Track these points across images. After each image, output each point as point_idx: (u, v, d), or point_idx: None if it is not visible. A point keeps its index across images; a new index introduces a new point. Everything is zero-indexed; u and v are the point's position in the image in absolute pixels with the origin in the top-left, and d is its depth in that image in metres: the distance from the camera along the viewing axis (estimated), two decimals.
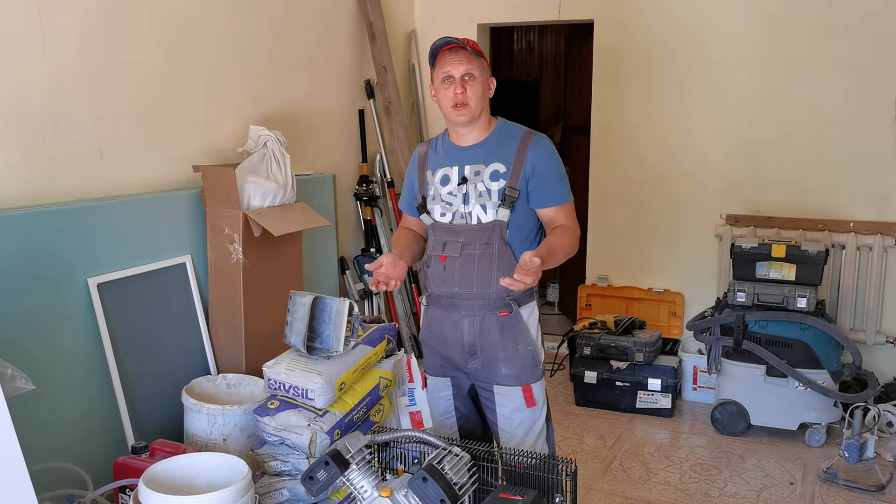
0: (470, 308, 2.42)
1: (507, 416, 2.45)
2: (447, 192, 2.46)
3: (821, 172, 4.37)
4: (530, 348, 2.43)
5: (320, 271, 3.97)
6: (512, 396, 2.43)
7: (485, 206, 2.40)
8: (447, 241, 2.44)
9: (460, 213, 2.44)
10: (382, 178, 4.71)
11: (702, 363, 4.37)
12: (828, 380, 3.85)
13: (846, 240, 4.29)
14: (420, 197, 2.55)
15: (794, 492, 3.45)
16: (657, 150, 4.71)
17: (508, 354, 2.42)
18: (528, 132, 2.46)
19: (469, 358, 2.46)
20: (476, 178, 2.42)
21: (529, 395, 2.43)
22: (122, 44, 3.01)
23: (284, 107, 3.93)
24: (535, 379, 2.46)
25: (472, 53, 2.38)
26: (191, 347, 3.20)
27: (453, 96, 2.36)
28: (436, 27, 5.07)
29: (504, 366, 2.42)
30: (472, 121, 2.41)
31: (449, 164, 2.48)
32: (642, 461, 3.74)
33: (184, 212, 3.21)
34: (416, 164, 2.59)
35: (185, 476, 2.35)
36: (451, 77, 2.37)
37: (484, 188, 2.40)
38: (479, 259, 2.39)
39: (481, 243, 2.39)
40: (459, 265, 2.41)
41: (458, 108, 2.37)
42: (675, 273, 4.77)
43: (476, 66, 2.37)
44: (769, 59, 4.37)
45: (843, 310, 4.35)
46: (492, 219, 2.39)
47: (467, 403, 2.60)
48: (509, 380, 2.43)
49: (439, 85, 2.41)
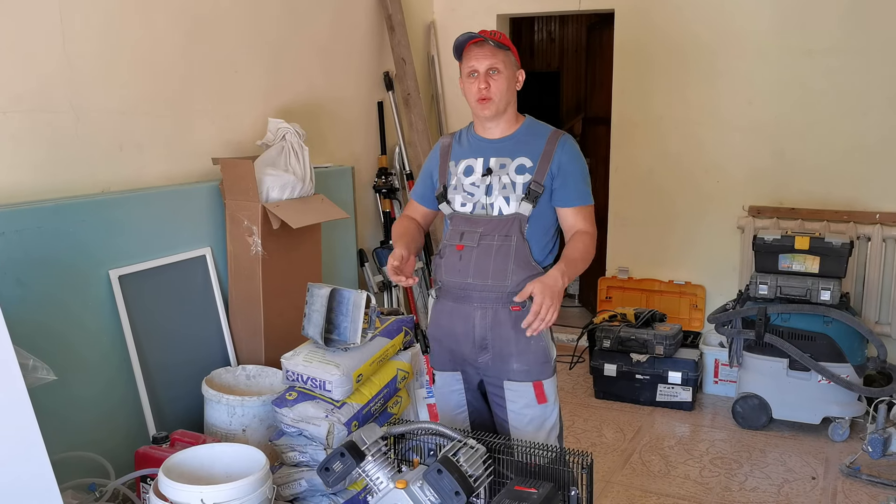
0: (483, 300, 2.41)
1: (517, 413, 2.43)
2: (470, 183, 2.45)
3: (846, 163, 4.30)
4: (542, 344, 2.41)
5: (339, 263, 3.99)
6: (523, 392, 2.41)
7: (508, 199, 2.39)
8: (465, 230, 2.43)
9: (481, 203, 2.42)
10: (401, 171, 4.72)
11: (723, 356, 4.33)
12: (852, 373, 3.80)
13: (872, 231, 4.22)
14: (441, 186, 2.54)
15: (816, 486, 3.41)
16: (679, 141, 4.67)
17: (521, 349, 2.39)
18: (556, 131, 2.46)
19: (480, 352, 2.44)
20: (501, 170, 2.41)
21: (541, 391, 2.41)
22: (142, 37, 3.03)
23: (303, 99, 3.94)
24: (547, 375, 2.43)
25: (496, 47, 2.36)
26: (211, 339, 3.23)
27: (477, 91, 2.36)
28: (455, 18, 5.05)
29: (516, 361, 2.40)
30: (497, 115, 2.41)
31: (473, 156, 2.48)
32: (662, 454, 3.72)
33: (203, 204, 3.23)
34: (439, 154, 2.59)
35: (205, 466, 2.38)
36: (475, 71, 2.36)
37: (508, 180, 2.39)
38: (497, 251, 2.37)
39: (500, 235, 2.38)
40: (476, 255, 2.39)
41: (482, 103, 2.37)
42: (696, 265, 4.73)
43: (501, 60, 2.35)
44: (794, 48, 4.31)
45: (868, 303, 4.29)
46: (513, 211, 2.38)
47: (478, 397, 2.59)
48: (520, 375, 2.40)
49: (465, 79, 2.41)
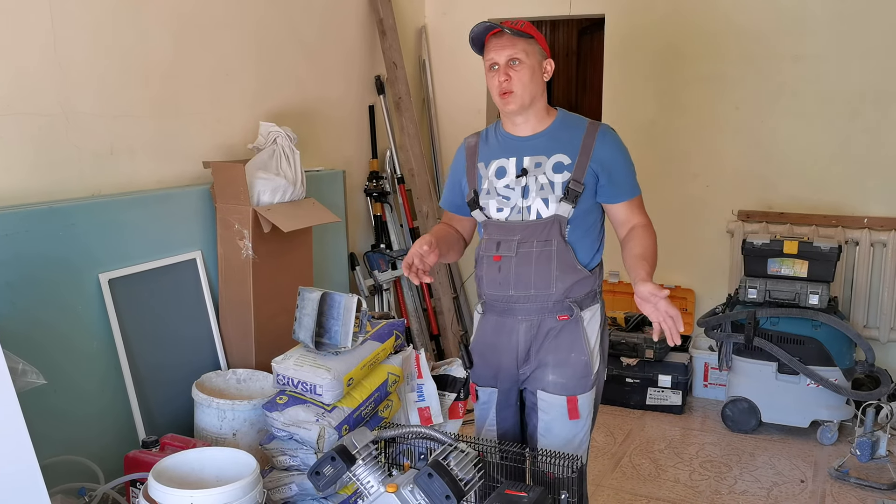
0: (527, 312, 2.27)
1: (546, 424, 2.29)
2: (503, 186, 2.27)
3: (834, 168, 4.33)
4: (584, 358, 2.25)
5: (330, 267, 3.99)
6: (555, 405, 2.27)
7: (546, 200, 2.22)
8: (501, 239, 2.27)
9: (518, 207, 2.25)
10: (392, 174, 4.72)
11: (713, 360, 4.36)
12: (840, 377, 3.83)
13: (860, 236, 4.25)
14: (471, 191, 2.34)
15: (805, 489, 3.43)
16: (669, 145, 4.69)
17: (559, 360, 2.26)
18: (594, 123, 2.29)
19: (522, 364, 2.32)
20: (537, 169, 2.23)
21: (574, 406, 2.25)
22: (133, 41, 3.03)
23: (295, 102, 3.94)
24: (583, 390, 2.26)
25: (515, 35, 2.19)
26: (201, 342, 3.22)
27: (498, 85, 2.20)
28: (446, 23, 5.06)
29: (552, 372, 2.26)
30: (523, 109, 2.24)
31: (505, 156, 2.29)
32: (652, 458, 3.73)
33: (194, 208, 3.22)
34: (465, 157, 2.40)
35: (195, 470, 2.37)
36: (495, 64, 2.21)
37: (546, 180, 2.22)
38: (538, 258, 2.22)
39: (539, 240, 2.22)
40: (515, 265, 2.24)
41: (504, 97, 2.21)
42: (686, 269, 4.74)
43: (522, 49, 2.18)
44: (782, 54, 4.34)
45: (856, 307, 4.31)
46: (552, 213, 2.22)
47: (508, 418, 2.43)
48: (556, 388, 2.26)
49: (487, 73, 2.25)
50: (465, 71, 5.05)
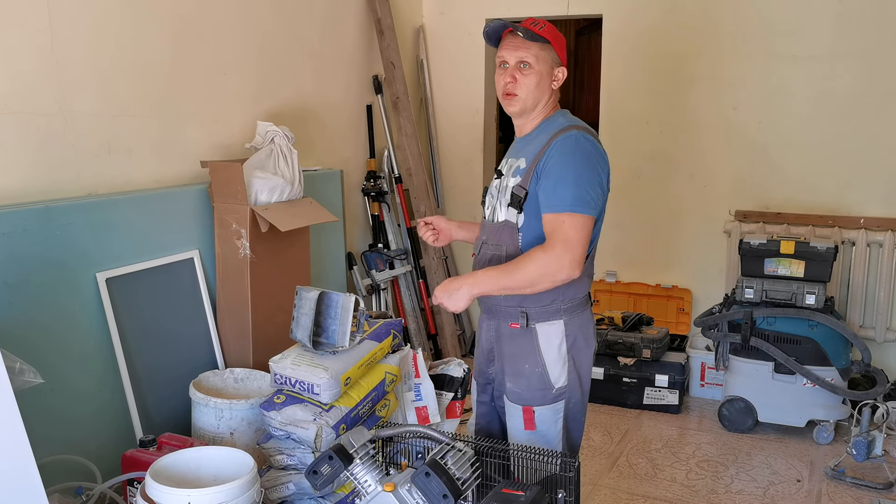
0: (489, 311, 2.31)
1: (510, 430, 2.30)
2: (494, 185, 2.32)
3: (831, 168, 4.34)
4: (538, 370, 2.20)
5: (328, 267, 3.99)
6: (513, 413, 2.27)
7: (502, 203, 2.24)
8: (479, 238, 2.36)
9: (493, 208, 2.29)
10: (390, 174, 4.72)
11: (710, 360, 4.36)
12: (836, 377, 3.84)
13: (856, 236, 4.26)
14: (484, 188, 2.42)
15: (801, 489, 3.44)
16: (666, 145, 4.69)
17: (514, 370, 2.25)
18: (566, 128, 2.16)
19: (489, 363, 2.36)
20: (509, 172, 2.25)
21: (529, 416, 2.22)
22: (130, 40, 3.03)
23: (292, 102, 3.95)
24: (541, 402, 2.21)
25: (529, 39, 2.13)
26: (199, 342, 3.22)
27: (503, 85, 2.19)
28: (444, 22, 5.07)
29: (509, 380, 2.26)
30: (524, 112, 2.21)
31: (509, 156, 2.33)
32: (649, 457, 3.74)
33: (192, 207, 3.22)
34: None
35: (192, 469, 2.37)
36: (505, 62, 2.19)
37: (506, 184, 2.23)
38: (489, 261, 2.24)
39: (494, 244, 2.24)
40: (477, 265, 2.30)
41: (506, 98, 2.20)
42: (683, 269, 4.75)
43: (534, 54, 2.14)
44: (779, 54, 4.35)
45: (852, 307, 4.32)
46: (503, 219, 2.23)
47: (486, 413, 2.45)
48: (512, 396, 2.26)
49: (497, 69, 2.24)
50: (463, 70, 5.07)
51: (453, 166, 5.17)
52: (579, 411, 2.30)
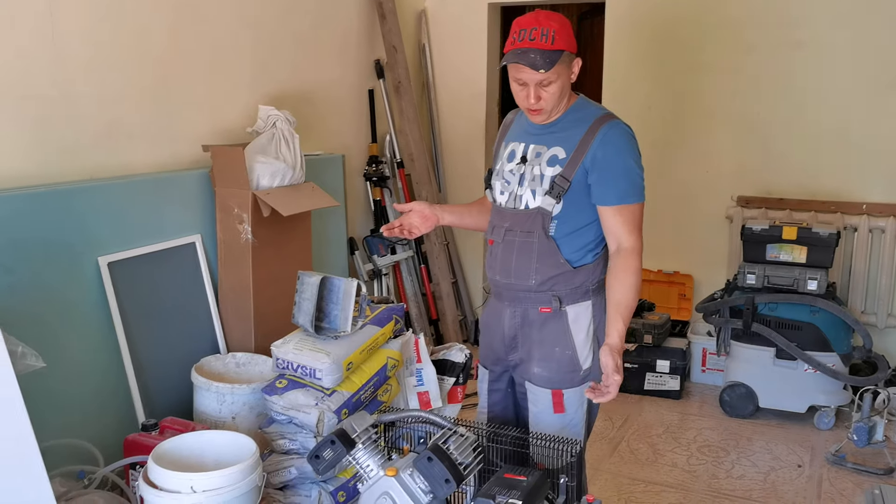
0: (512, 299, 2.28)
1: (535, 416, 2.29)
2: (509, 170, 2.27)
3: (834, 154, 4.32)
4: (569, 353, 2.22)
5: (329, 251, 3.98)
6: (541, 397, 2.26)
7: (534, 192, 2.19)
8: (496, 224, 2.30)
9: (514, 194, 2.24)
10: (392, 159, 4.71)
11: (711, 345, 4.36)
12: (837, 363, 3.84)
13: (858, 222, 4.25)
14: (488, 169, 2.39)
15: (802, 474, 3.45)
16: (668, 131, 4.67)
17: (544, 354, 2.24)
18: (602, 117, 2.19)
19: (510, 351, 2.32)
20: (536, 159, 2.21)
21: (559, 400, 2.23)
22: (131, 23, 3.01)
23: (294, 86, 3.93)
24: (569, 385, 2.24)
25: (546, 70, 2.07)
26: (200, 326, 3.22)
27: (526, 101, 2.15)
28: (446, 7, 5.03)
29: (537, 365, 2.25)
30: (550, 118, 2.21)
31: (520, 140, 2.28)
32: (650, 442, 3.75)
33: (193, 191, 3.22)
34: (500, 133, 2.43)
35: (195, 453, 2.38)
36: (525, 83, 2.13)
37: (539, 172, 2.19)
38: (520, 248, 2.22)
39: (522, 231, 2.21)
40: (501, 252, 2.27)
41: (532, 112, 2.18)
42: (685, 255, 4.74)
43: (553, 71, 2.09)
44: (782, 41, 4.32)
45: (854, 292, 4.31)
46: (537, 206, 2.19)
47: (500, 400, 2.44)
48: (540, 380, 2.25)
49: (513, 81, 2.17)
50: (465, 55, 5.04)
51: (455, 151, 5.15)
52: None
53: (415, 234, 2.46)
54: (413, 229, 2.44)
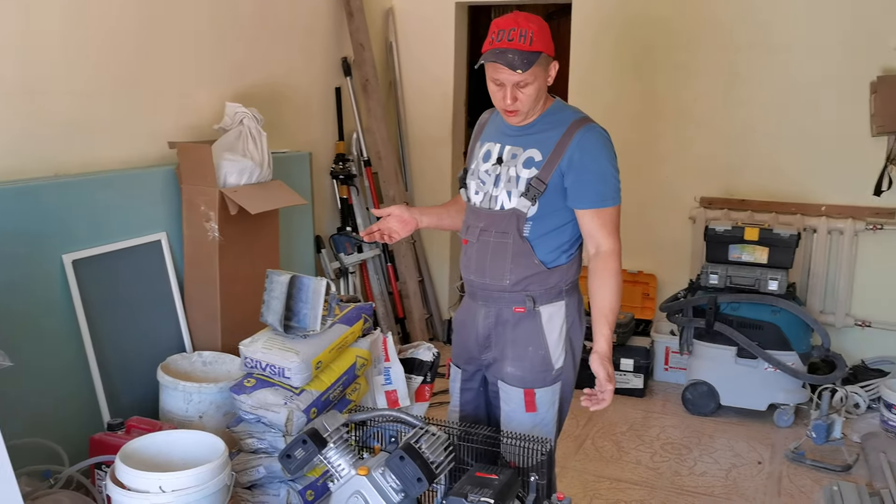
0: (486, 299, 2.29)
1: (507, 415, 2.30)
2: (484, 170, 2.28)
3: (794, 156, 4.41)
4: (542, 352, 2.25)
5: (296, 250, 3.96)
6: (513, 396, 2.27)
7: (510, 193, 2.21)
8: (470, 224, 2.31)
9: (489, 195, 2.26)
10: (359, 157, 4.69)
11: (673, 344, 4.43)
12: (797, 361, 3.92)
13: (818, 223, 4.34)
14: (463, 169, 2.39)
15: (762, 471, 3.52)
16: (633, 132, 4.73)
17: (517, 353, 2.26)
18: (579, 120, 2.22)
19: (483, 350, 2.33)
20: (512, 160, 2.23)
21: (531, 399, 2.25)
22: (98, 18, 2.96)
23: (260, 83, 3.90)
24: (542, 384, 2.26)
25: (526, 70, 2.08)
26: (166, 325, 3.19)
27: (502, 102, 2.17)
28: (414, 5, 5.03)
29: (510, 364, 2.27)
30: (526, 119, 2.23)
31: (496, 140, 2.29)
32: (614, 440, 3.80)
33: (159, 188, 3.18)
34: (475, 133, 2.43)
35: (163, 453, 2.36)
36: (502, 83, 2.14)
37: (515, 173, 2.21)
38: (494, 248, 2.24)
39: (497, 231, 2.23)
40: (476, 252, 2.27)
41: (508, 114, 2.20)
42: (649, 254, 4.81)
43: (530, 73, 2.10)
44: (747, 45, 4.39)
45: (813, 293, 4.41)
46: (512, 207, 2.21)
47: (472, 399, 2.43)
48: (513, 380, 2.27)
49: (490, 81, 2.18)
50: (433, 54, 5.04)
51: (422, 150, 5.15)
52: (569, 391, 2.38)
53: (394, 239, 2.45)
54: (393, 234, 2.43)
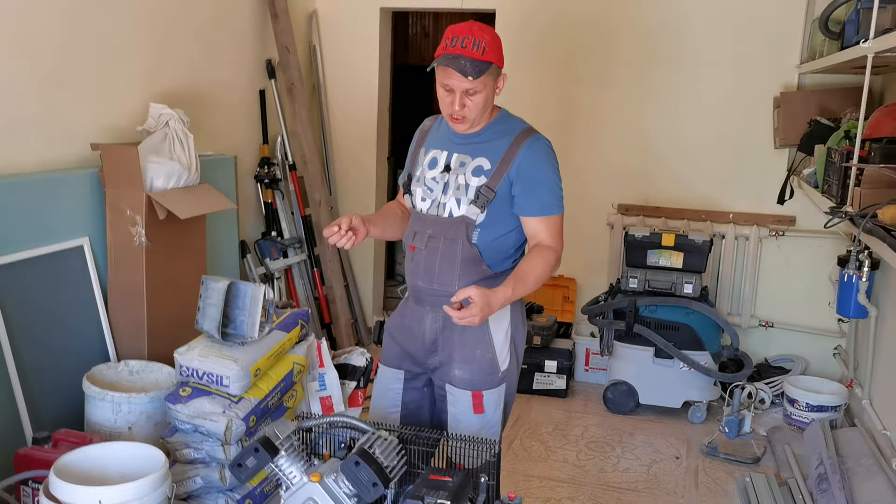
0: (434, 304, 2.31)
1: (455, 417, 2.33)
2: (431, 178, 2.31)
3: (703, 166, 4.63)
4: (489, 355, 2.30)
5: (221, 255, 3.89)
6: (461, 399, 2.31)
7: (459, 201, 2.25)
8: (417, 230, 2.33)
9: (437, 202, 2.29)
10: (284, 161, 4.64)
11: (593, 346, 4.58)
12: (709, 361, 4.12)
13: (726, 230, 4.57)
14: (407, 175, 2.41)
15: (680, 465, 3.69)
16: (554, 139, 4.79)
17: (465, 356, 2.30)
18: (526, 131, 2.30)
19: (430, 354, 2.36)
20: (460, 168, 2.27)
21: (479, 401, 2.29)
22: (16, 14, 2.84)
23: (182, 85, 3.81)
24: (489, 386, 2.30)
25: (477, 77, 2.14)
26: (89, 333, 3.08)
27: (450, 108, 2.20)
28: (338, 9, 5.02)
29: (458, 367, 2.30)
30: (472, 128, 2.27)
31: (441, 148, 2.33)
32: (541, 440, 3.89)
33: (81, 192, 3.07)
34: (416, 139, 2.45)
35: (97, 466, 2.29)
36: (451, 89, 2.18)
37: (463, 182, 2.25)
38: (443, 254, 2.27)
39: (447, 238, 2.26)
40: (424, 258, 2.30)
41: (455, 121, 2.23)
42: (568, 259, 4.84)
43: (481, 81, 2.16)
44: (661, 58, 4.58)
45: (721, 295, 4.64)
46: (461, 214, 2.25)
47: (417, 399, 2.45)
48: (461, 382, 2.30)
49: (439, 86, 2.21)
50: (357, 58, 5.04)
51: (347, 154, 5.13)
52: (513, 393, 2.43)
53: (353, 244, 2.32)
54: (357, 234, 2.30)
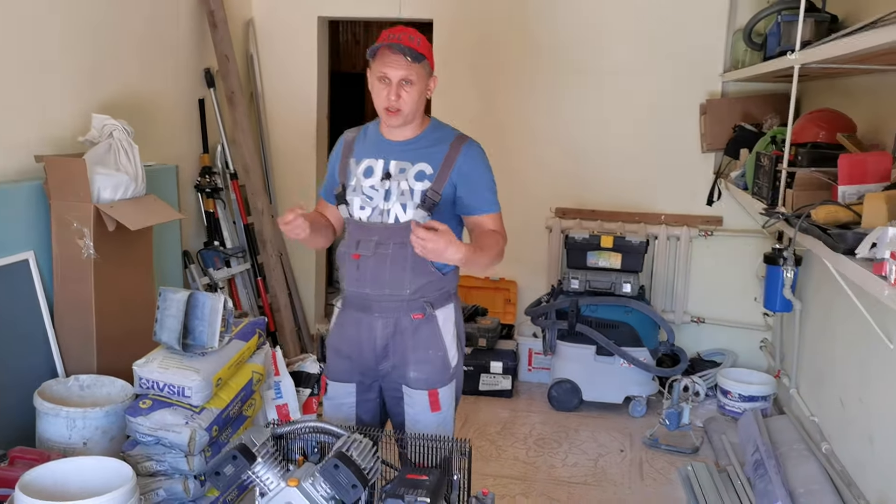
0: (383, 310, 2.35)
1: (412, 417, 2.39)
2: (369, 186, 2.36)
3: (635, 169, 4.81)
4: (441, 353, 2.38)
5: (165, 265, 3.84)
6: (418, 399, 2.37)
7: (405, 206, 2.31)
8: (361, 239, 2.35)
9: (379, 209, 2.34)
10: (224, 170, 4.61)
11: (536, 346, 4.69)
12: (648, 356, 4.29)
13: (658, 231, 4.76)
14: (340, 185, 2.42)
15: (625, 458, 3.83)
16: (489, 145, 4.83)
17: (419, 357, 2.36)
18: (461, 137, 2.42)
19: (381, 360, 2.40)
20: (400, 175, 2.33)
21: (435, 399, 2.37)
22: None
23: (122, 94, 3.75)
24: (443, 384, 2.39)
25: (414, 62, 2.25)
26: (35, 349, 3.01)
27: (386, 100, 2.27)
28: (275, 18, 5.01)
29: (413, 369, 2.36)
30: (405, 124, 2.35)
31: (375, 156, 2.38)
32: (490, 440, 3.98)
33: (24, 205, 3.01)
34: (341, 151, 2.48)
35: (59, 483, 2.26)
36: (387, 79, 2.27)
37: (407, 187, 2.32)
38: (393, 259, 2.32)
39: (395, 243, 2.31)
40: (372, 265, 2.33)
41: (390, 114, 2.30)
42: (509, 262, 4.91)
43: (416, 72, 2.26)
44: (593, 67, 4.74)
45: (656, 293, 4.83)
46: (409, 219, 2.30)
47: (371, 409, 2.49)
48: (417, 383, 2.36)
49: (375, 81, 2.31)
50: (294, 68, 5.05)
51: (285, 163, 5.13)
52: (461, 387, 2.53)
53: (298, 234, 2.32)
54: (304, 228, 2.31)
